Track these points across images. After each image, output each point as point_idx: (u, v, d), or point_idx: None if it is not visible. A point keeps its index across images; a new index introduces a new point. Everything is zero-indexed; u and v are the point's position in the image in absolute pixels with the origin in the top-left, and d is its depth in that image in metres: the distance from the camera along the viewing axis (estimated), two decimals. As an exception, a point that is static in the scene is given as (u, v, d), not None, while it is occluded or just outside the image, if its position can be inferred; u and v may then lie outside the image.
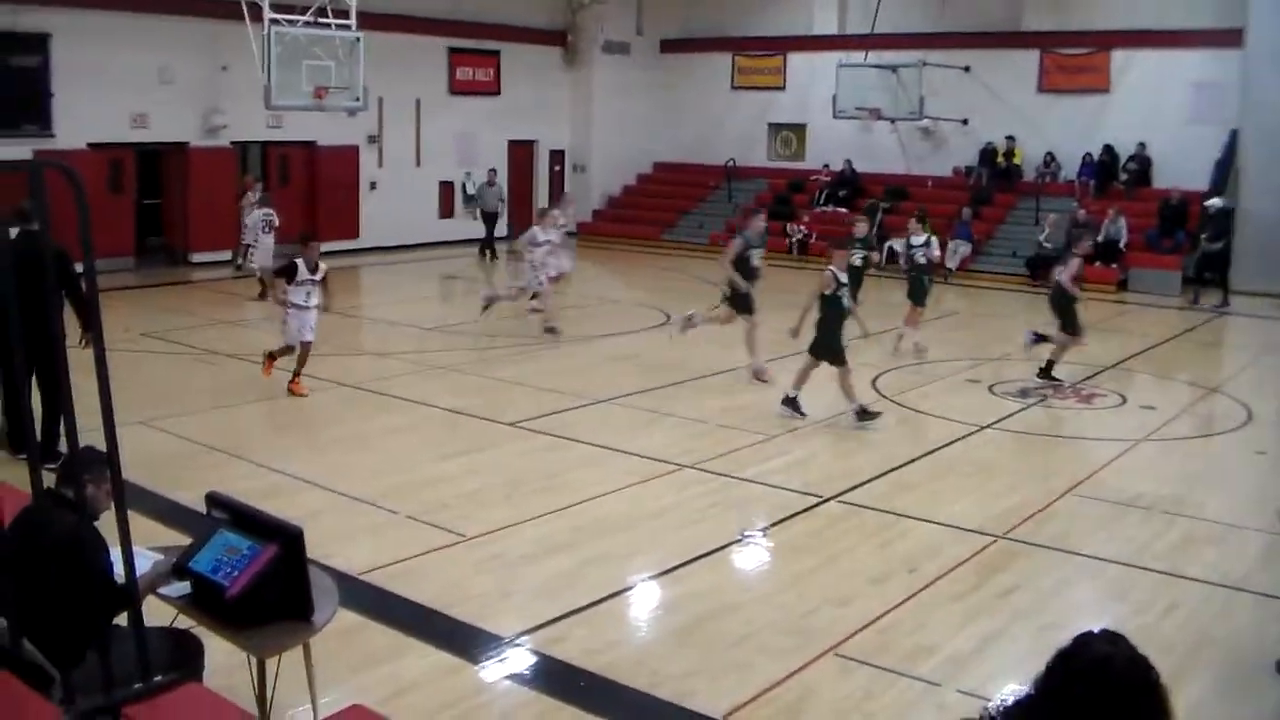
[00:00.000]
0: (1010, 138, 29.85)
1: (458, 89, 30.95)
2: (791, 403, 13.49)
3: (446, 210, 31.03)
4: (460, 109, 30.81)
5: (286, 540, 5.52)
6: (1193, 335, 21.19)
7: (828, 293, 13.07)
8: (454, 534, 9.54)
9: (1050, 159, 29.46)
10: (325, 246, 15.50)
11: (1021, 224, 28.17)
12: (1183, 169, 27.08)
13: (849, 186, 31.10)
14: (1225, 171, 26.88)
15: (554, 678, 7.20)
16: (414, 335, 18.46)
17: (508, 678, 7.23)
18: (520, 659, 7.43)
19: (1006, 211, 29.10)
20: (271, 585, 5.42)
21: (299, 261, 13.96)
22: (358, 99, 22.97)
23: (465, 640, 7.64)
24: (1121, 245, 26.18)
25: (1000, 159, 29.97)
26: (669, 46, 35.08)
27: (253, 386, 14.48)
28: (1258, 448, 13.39)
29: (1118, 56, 28.65)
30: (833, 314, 13.16)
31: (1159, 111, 27.66)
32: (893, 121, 30.73)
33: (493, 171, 29.68)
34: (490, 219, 28.95)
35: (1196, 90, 27.36)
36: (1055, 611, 8.29)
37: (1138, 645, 2.97)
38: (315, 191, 27.88)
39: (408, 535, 9.53)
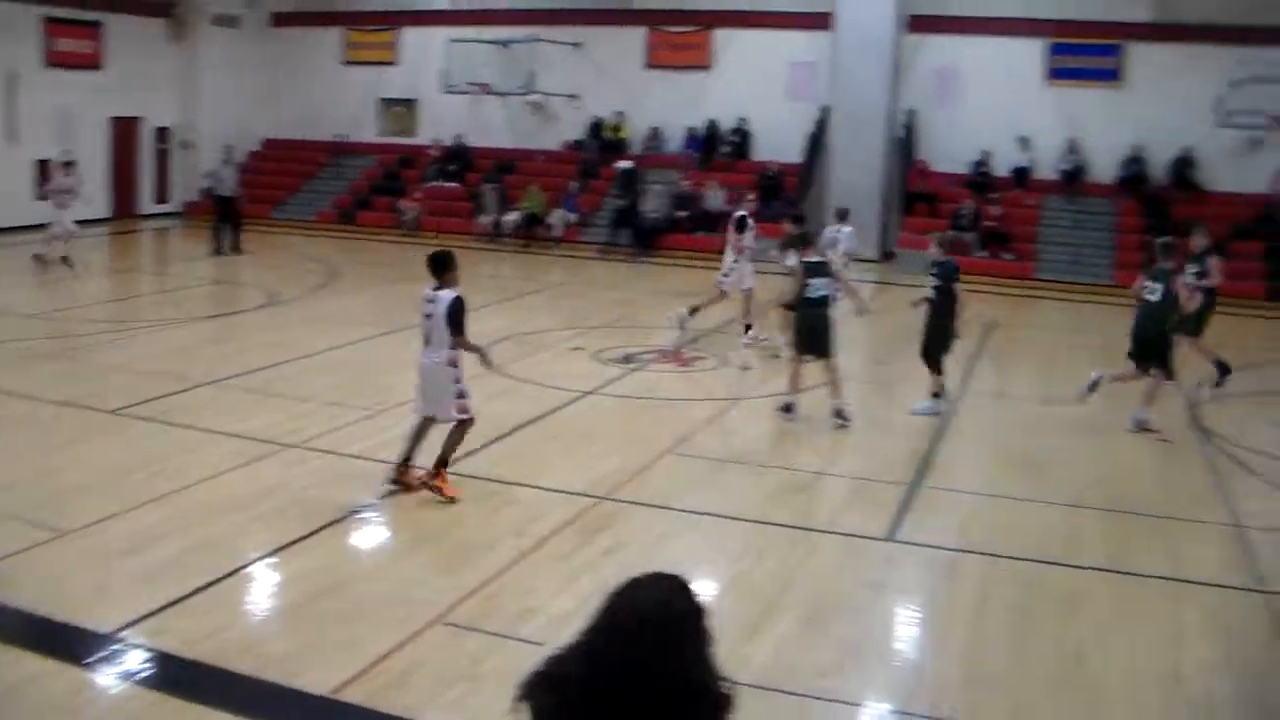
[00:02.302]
0: (619, 113, 30.62)
1: (55, 61, 29.03)
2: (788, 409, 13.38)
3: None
4: (59, 83, 28.81)
5: None
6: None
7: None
8: (51, 530, 9.08)
9: (656, 133, 30.42)
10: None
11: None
12: (780, 143, 28.65)
13: (460, 161, 31.22)
14: (816, 145, 28.54)
15: (158, 670, 6.99)
16: (13, 324, 17.35)
17: (110, 675, 6.95)
18: (123, 654, 7.15)
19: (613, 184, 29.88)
20: None
21: None
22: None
23: (65, 640, 7.30)
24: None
25: (609, 133, 30.71)
26: (280, 20, 34.14)
27: None
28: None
29: (719, 35, 29.91)
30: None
31: (758, 88, 29.08)
32: (503, 96, 31.00)
33: (229, 149, 28.03)
34: (225, 204, 25.92)
35: (792, 69, 28.92)
36: (654, 566, 8.50)
37: (730, 587, 3.16)
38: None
39: (3, 535, 9.02)
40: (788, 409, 13.07)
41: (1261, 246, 25.08)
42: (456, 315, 9.83)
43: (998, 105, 27.60)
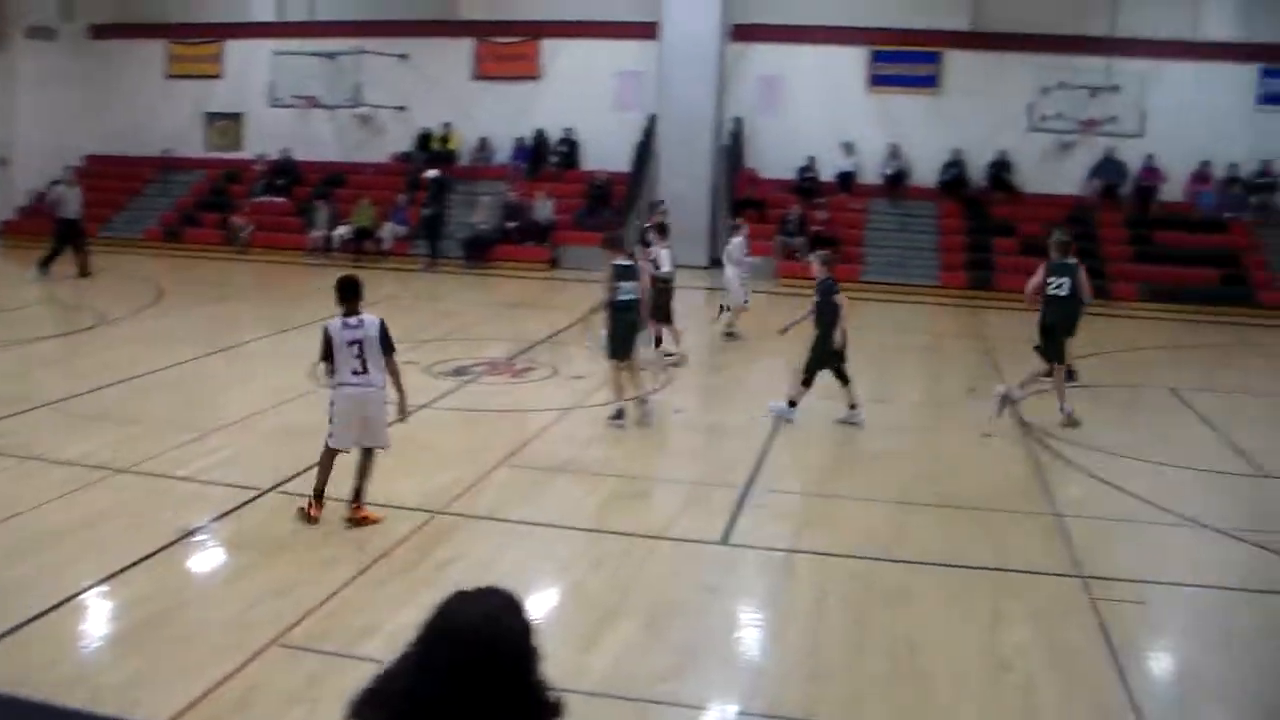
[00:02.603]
0: (447, 124, 30.47)
1: None
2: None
3: None
4: None
5: None
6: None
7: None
8: None
9: (484, 144, 30.34)
10: None
11: (457, 207, 28.84)
12: (608, 152, 28.83)
13: (287, 175, 30.75)
14: (644, 154, 28.77)
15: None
16: None
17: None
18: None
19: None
20: None
21: None
22: None
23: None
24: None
25: (437, 144, 30.54)
26: (99, 32, 33.01)
27: None
28: (675, 407, 14.52)
29: (547, 46, 29.96)
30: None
31: (585, 98, 29.22)
32: (331, 109, 30.61)
33: (69, 168, 26.94)
34: (68, 227, 24.30)
35: (619, 79, 29.12)
36: (491, 578, 8.47)
37: (567, 596, 3.17)
38: None
39: None
40: (618, 416, 13.17)
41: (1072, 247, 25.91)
42: (389, 337, 9.77)
43: (822, 112, 28.26)
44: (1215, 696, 7.71)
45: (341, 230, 27.89)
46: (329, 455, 9.93)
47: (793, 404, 13.70)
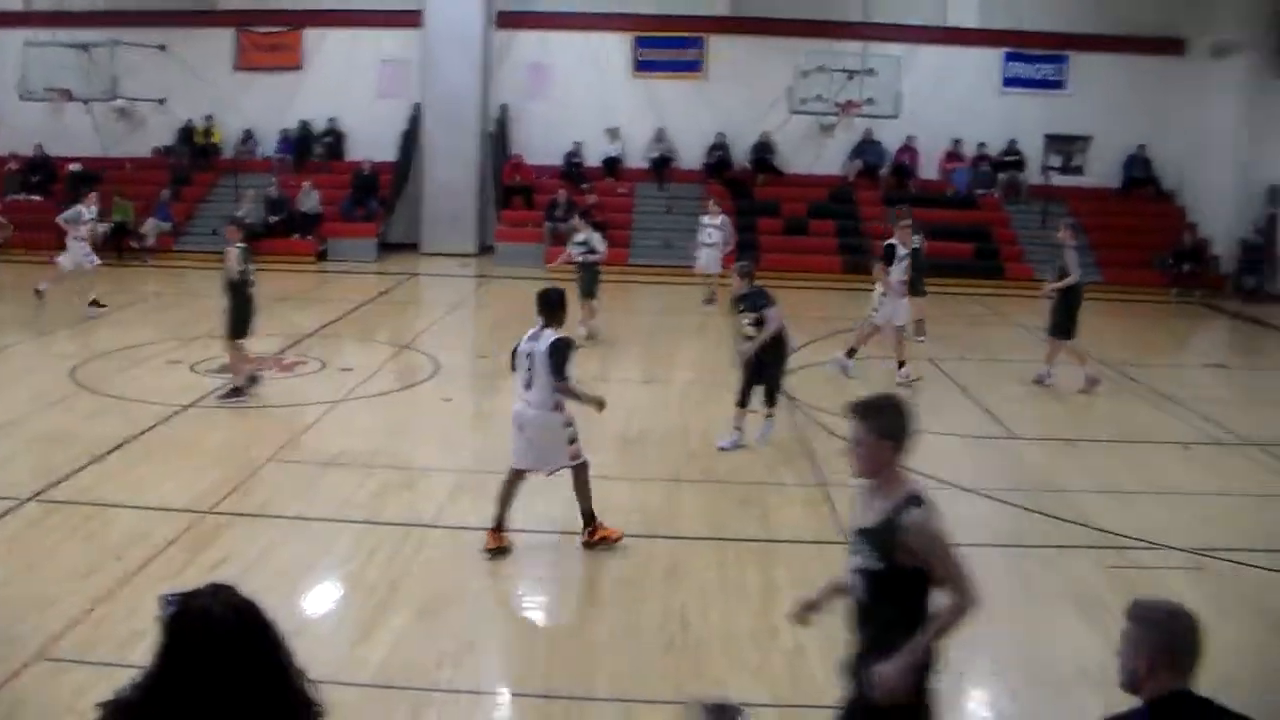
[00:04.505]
0: (209, 116, 29.67)
1: None
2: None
3: None
4: None
5: None
6: (389, 297, 22.38)
7: None
8: None
9: (248, 136, 29.68)
10: None
11: (222, 201, 28.14)
12: (374, 141, 28.56)
13: (41, 172, 29.48)
14: (410, 143, 28.58)
15: None
16: None
17: None
18: None
19: (207, 190, 28.91)
20: None
21: None
22: None
23: None
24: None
25: (199, 138, 29.74)
26: None
27: None
28: (444, 395, 14.54)
29: (310, 35, 29.44)
30: None
31: (350, 87, 28.88)
32: (86, 103, 29.45)
33: None
34: None
35: (383, 67, 28.83)
36: (264, 576, 8.52)
37: (341, 589, 3.15)
38: None
39: None
40: (237, 392, 13.51)
41: (834, 224, 26.80)
42: (562, 361, 9.19)
43: (588, 98, 28.54)
44: (967, 646, 8.10)
45: (101, 227, 26.86)
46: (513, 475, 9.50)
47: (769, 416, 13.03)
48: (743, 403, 12.63)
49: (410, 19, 27.89)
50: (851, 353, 16.13)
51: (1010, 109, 29.07)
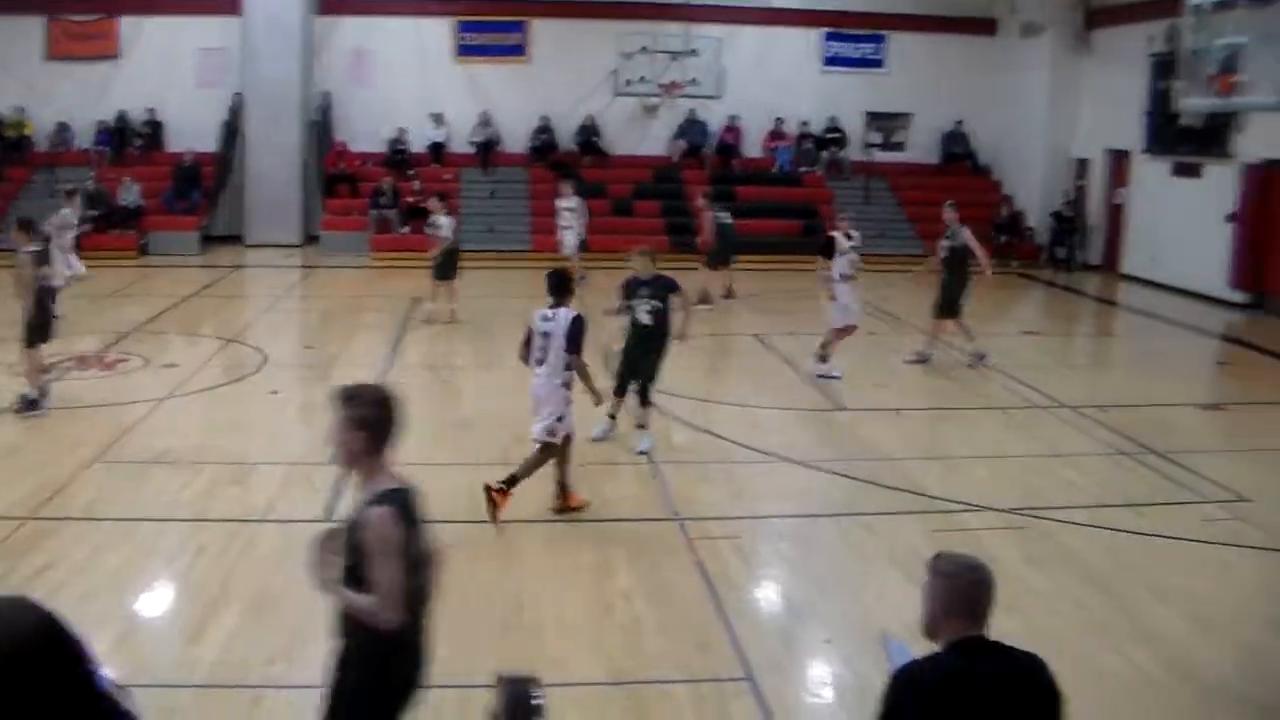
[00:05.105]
0: (20, 108, 28.47)
1: None
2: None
3: None
4: None
5: None
6: (213, 290, 21.96)
7: None
8: None
9: (64, 128, 28.70)
10: None
11: (37, 197, 27.16)
12: (195, 132, 27.81)
13: None
14: (232, 132, 28.01)
15: None
16: None
17: None
18: None
19: (20, 186, 27.79)
20: None
21: None
22: None
23: None
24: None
25: (11, 131, 28.65)
26: None
27: None
28: (272, 388, 14.34)
29: (126, 23, 28.47)
30: None
31: (168, 77, 28.06)
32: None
33: None
34: None
35: (202, 56, 28.08)
36: (92, 579, 8.31)
37: (171, 590, 3.06)
38: None
39: None
40: (33, 405, 12.69)
41: (660, 205, 27.07)
42: (577, 334, 9.91)
43: (412, 83, 28.35)
44: (800, 614, 8.36)
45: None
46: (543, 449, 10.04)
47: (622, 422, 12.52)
48: (620, 391, 12.24)
49: (229, 6, 27.24)
50: (824, 359, 15.37)
51: (831, 87, 29.65)
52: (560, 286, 10.23)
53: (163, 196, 26.92)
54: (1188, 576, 9.10)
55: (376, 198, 26.31)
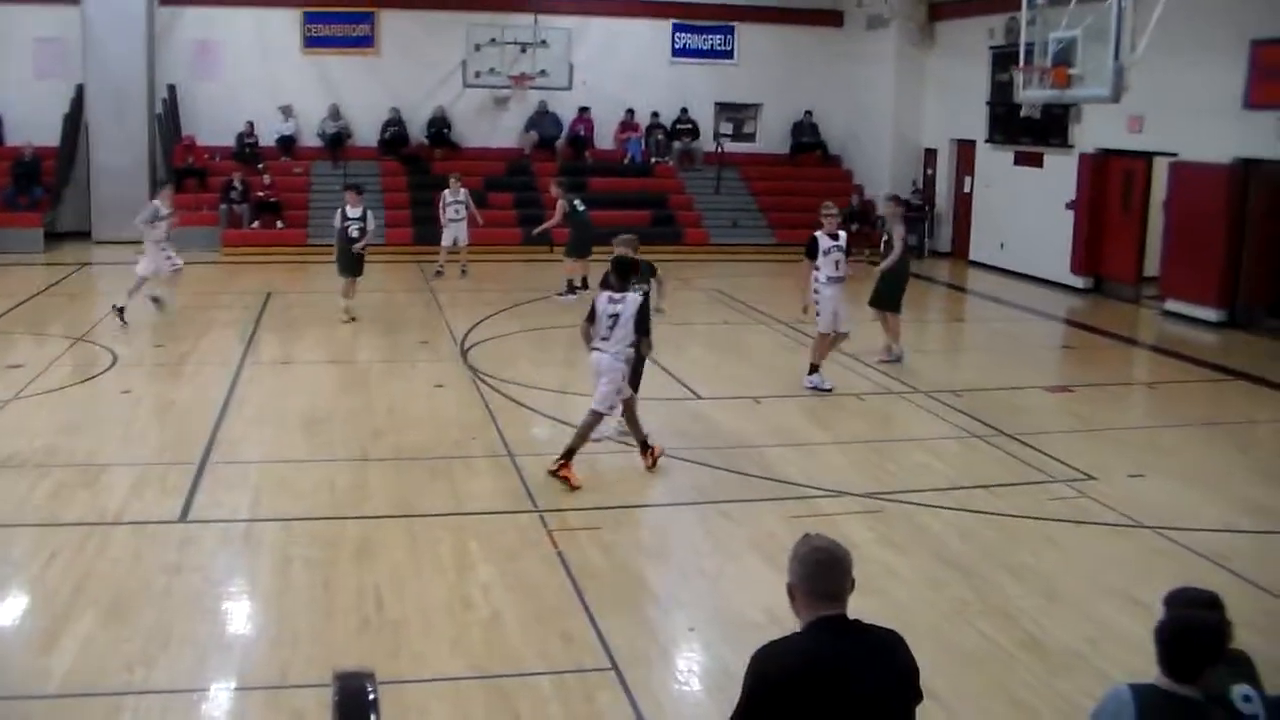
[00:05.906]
0: None
1: None
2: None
3: None
4: None
5: None
6: (60, 288, 21.41)
7: None
8: None
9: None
10: None
11: None
12: (34, 124, 26.86)
13: None
14: (74, 125, 27.25)
15: None
16: None
17: None
18: None
19: None
20: None
21: None
22: None
23: None
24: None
25: None
26: None
27: None
28: (123, 388, 14.02)
29: (-43, 13, 27.50)
30: None
31: (5, 67, 27.09)
32: None
33: None
34: None
35: (40, 46, 27.22)
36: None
37: (22, 598, 3.02)
38: None
39: None
40: None
41: (512, 197, 27.05)
42: (645, 318, 10.99)
43: (259, 75, 27.86)
44: (662, 602, 8.47)
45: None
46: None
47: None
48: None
49: (68, -6, 26.48)
50: (814, 369, 14.80)
51: (681, 78, 29.88)
52: (627, 272, 11.00)
53: (3, 192, 26.09)
54: (1039, 554, 9.41)
55: (227, 192, 25.84)
